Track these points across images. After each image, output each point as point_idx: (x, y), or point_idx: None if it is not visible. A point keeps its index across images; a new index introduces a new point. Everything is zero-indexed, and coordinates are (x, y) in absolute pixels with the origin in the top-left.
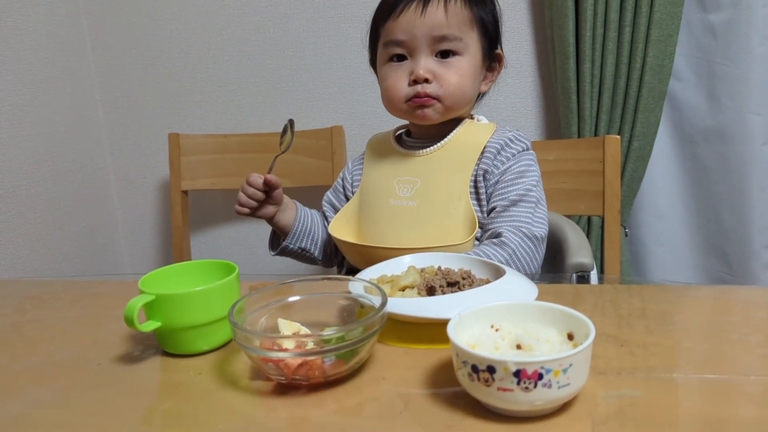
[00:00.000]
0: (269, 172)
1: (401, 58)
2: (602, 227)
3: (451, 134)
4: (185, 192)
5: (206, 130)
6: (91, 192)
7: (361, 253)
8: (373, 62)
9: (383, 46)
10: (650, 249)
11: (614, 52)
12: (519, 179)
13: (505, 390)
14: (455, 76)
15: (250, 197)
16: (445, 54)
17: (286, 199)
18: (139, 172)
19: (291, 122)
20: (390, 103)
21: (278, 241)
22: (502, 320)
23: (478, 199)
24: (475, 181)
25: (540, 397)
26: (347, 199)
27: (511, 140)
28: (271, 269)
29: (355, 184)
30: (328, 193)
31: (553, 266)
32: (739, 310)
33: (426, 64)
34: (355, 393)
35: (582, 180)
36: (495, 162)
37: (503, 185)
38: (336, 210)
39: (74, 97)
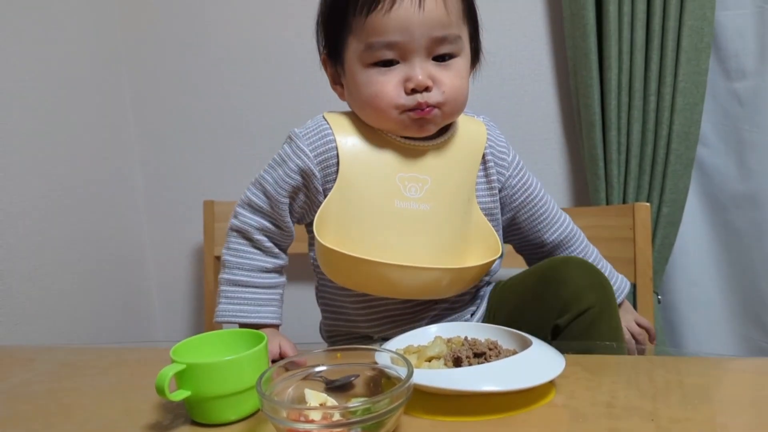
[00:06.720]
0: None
1: (390, 62)
2: (635, 294)
3: (457, 124)
4: (218, 258)
5: (240, 197)
6: (127, 258)
7: (365, 273)
8: (331, 58)
9: (366, 47)
10: (685, 316)
11: (640, 120)
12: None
13: None
14: (456, 79)
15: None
16: (442, 57)
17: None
18: (174, 239)
19: None
20: (378, 112)
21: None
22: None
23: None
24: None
25: None
26: (309, 199)
27: (502, 144)
28: (300, 334)
29: (329, 179)
30: (258, 197)
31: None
32: None
33: (425, 68)
34: None
35: (613, 247)
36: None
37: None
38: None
39: (114, 167)
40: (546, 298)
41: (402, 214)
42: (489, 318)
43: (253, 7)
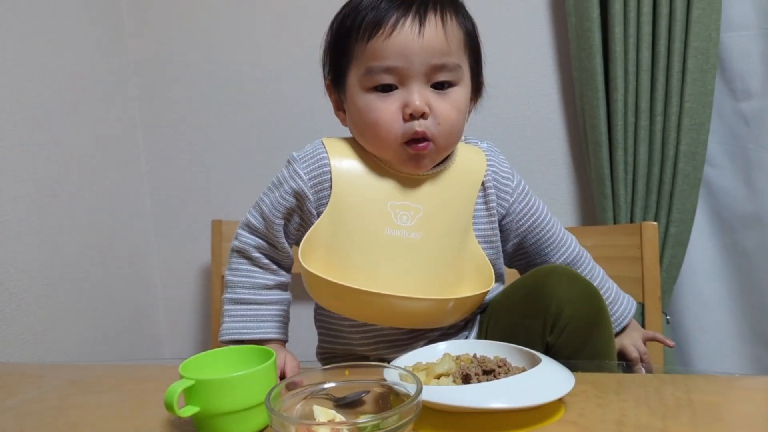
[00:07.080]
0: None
1: (389, 87)
2: (643, 314)
3: (455, 154)
4: None
5: (242, 219)
6: (135, 277)
7: (347, 299)
8: (335, 84)
9: (366, 72)
10: (694, 336)
11: (647, 140)
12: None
13: None
14: (453, 110)
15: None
16: (440, 85)
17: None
18: (182, 258)
19: None
20: (378, 139)
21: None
22: None
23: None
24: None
25: None
26: (303, 221)
27: (506, 171)
28: (304, 353)
29: (322, 203)
30: (256, 218)
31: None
32: None
33: (423, 94)
34: None
35: (620, 266)
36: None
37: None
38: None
39: (123, 186)
40: (534, 314)
41: (392, 242)
42: (481, 338)
43: (263, 30)
